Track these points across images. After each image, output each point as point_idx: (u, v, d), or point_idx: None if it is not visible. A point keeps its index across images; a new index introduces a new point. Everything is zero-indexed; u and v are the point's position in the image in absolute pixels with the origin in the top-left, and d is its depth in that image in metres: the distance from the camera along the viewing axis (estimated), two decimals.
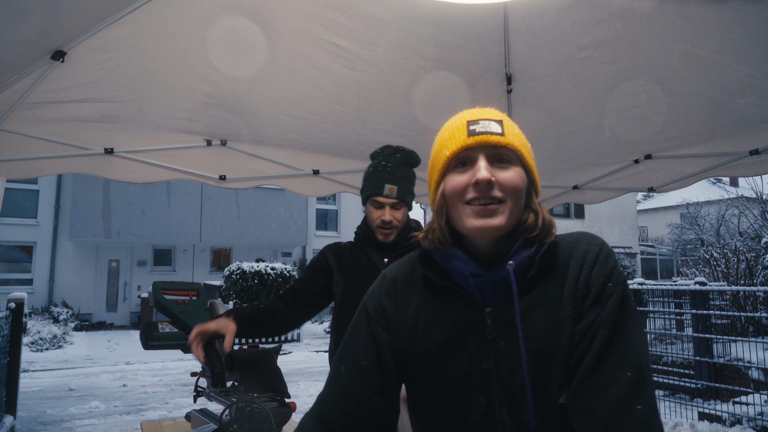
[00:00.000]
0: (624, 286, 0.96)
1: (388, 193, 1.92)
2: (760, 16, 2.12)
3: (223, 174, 3.39)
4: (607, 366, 0.91)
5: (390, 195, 1.92)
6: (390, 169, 1.95)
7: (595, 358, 0.92)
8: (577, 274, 0.98)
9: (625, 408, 0.88)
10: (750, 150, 2.96)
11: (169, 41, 2.37)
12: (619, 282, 0.96)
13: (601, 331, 0.93)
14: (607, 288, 0.95)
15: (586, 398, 0.92)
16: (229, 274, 12.80)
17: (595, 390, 0.91)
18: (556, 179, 3.94)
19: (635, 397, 0.89)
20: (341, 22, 2.38)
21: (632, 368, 0.90)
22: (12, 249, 15.50)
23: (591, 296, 0.96)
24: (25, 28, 1.95)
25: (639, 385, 0.90)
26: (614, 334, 0.92)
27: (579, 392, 0.93)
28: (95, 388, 7.98)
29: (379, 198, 1.94)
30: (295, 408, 1.67)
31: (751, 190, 16.61)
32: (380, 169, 1.96)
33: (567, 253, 1.01)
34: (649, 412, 0.89)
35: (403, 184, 1.96)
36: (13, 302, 5.51)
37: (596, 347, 0.92)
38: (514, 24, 2.57)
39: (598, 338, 0.93)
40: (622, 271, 0.98)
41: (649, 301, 7.15)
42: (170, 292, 1.87)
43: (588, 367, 0.92)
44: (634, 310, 0.96)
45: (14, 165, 2.83)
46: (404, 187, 1.96)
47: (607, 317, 0.93)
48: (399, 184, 1.93)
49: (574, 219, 25.67)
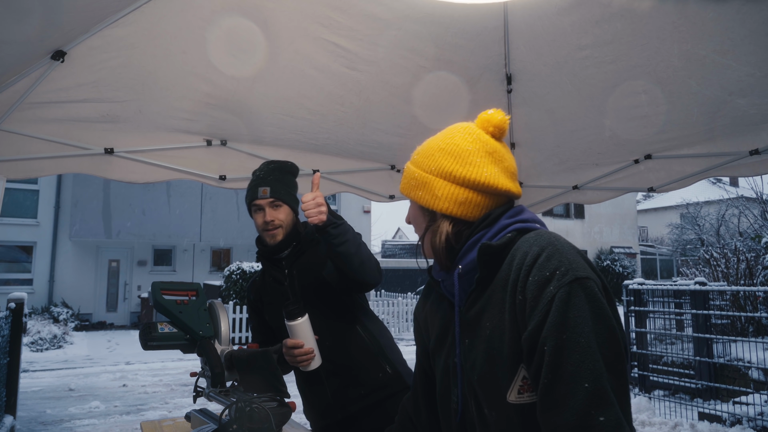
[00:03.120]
0: (570, 287, 0.90)
1: (262, 195, 2.04)
2: (760, 16, 2.12)
3: (223, 174, 3.39)
4: (564, 377, 0.88)
5: (264, 196, 2.04)
6: (262, 175, 2.10)
7: (550, 371, 0.89)
8: (515, 279, 0.97)
9: (586, 422, 0.85)
10: (750, 150, 2.96)
11: (170, 41, 2.36)
12: (563, 284, 0.90)
13: (549, 342, 0.89)
14: (546, 293, 0.91)
15: (550, 414, 0.90)
16: (229, 274, 12.80)
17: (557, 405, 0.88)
18: (556, 179, 3.94)
19: (596, 408, 0.85)
20: (341, 22, 2.38)
21: (589, 378, 0.86)
22: (12, 249, 15.50)
23: (528, 302, 0.93)
24: (25, 28, 1.95)
25: (599, 395, 0.85)
26: (564, 343, 0.88)
27: (544, 408, 0.91)
28: (95, 388, 7.99)
29: (255, 201, 2.06)
30: (294, 408, 1.67)
31: (751, 190, 16.62)
32: (253, 179, 2.11)
33: (512, 254, 1.01)
34: (612, 422, 0.85)
35: (276, 185, 2.07)
36: (13, 302, 5.51)
37: (548, 361, 0.89)
38: (514, 24, 2.57)
39: (548, 351, 0.89)
40: (573, 270, 0.92)
41: (649, 301, 7.14)
42: (169, 292, 1.87)
43: (545, 383, 0.90)
44: (587, 309, 0.89)
45: (14, 165, 2.83)
46: (277, 187, 2.07)
47: (553, 327, 0.89)
48: (271, 185, 2.06)
49: (574, 219, 25.69)
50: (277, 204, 2.07)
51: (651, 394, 6.60)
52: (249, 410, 1.54)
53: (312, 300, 2.02)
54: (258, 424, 1.52)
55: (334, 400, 2.03)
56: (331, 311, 2.05)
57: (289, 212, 2.10)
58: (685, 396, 6.39)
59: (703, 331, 6.32)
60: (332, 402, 2.03)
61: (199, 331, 1.83)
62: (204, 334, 1.84)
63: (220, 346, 1.86)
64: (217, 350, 1.83)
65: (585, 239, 25.78)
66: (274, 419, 1.54)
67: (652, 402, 6.41)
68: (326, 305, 2.05)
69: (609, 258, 24.98)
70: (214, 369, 1.77)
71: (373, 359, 2.05)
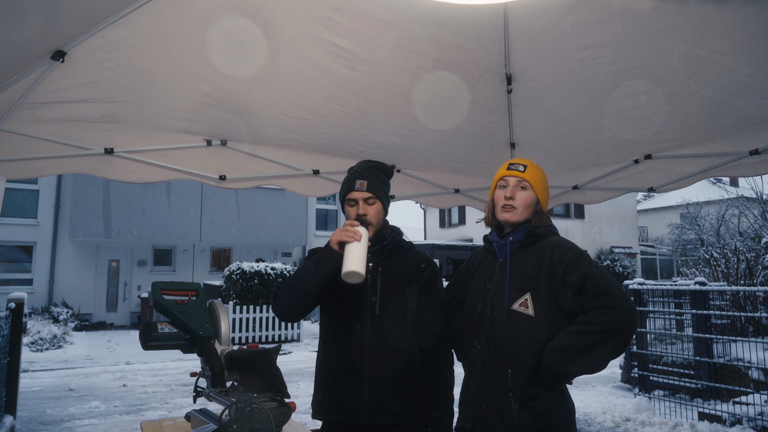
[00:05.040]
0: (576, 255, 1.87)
1: (359, 187, 2.05)
2: (760, 16, 2.12)
3: (223, 174, 3.40)
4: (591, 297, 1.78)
5: (361, 188, 2.05)
6: (359, 170, 2.12)
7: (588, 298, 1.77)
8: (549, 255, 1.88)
9: None
10: (750, 150, 2.96)
11: (170, 41, 2.37)
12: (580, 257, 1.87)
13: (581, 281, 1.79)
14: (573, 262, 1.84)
15: None
16: (229, 274, 12.80)
17: None
18: (556, 179, 3.94)
19: None
20: (341, 22, 2.38)
21: None
22: (12, 249, 15.49)
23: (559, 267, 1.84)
24: (25, 28, 1.95)
25: None
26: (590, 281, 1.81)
27: None
28: (95, 388, 7.99)
29: (352, 194, 2.07)
30: (294, 408, 1.68)
31: (751, 190, 16.61)
32: (350, 174, 2.14)
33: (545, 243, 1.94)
34: None
35: (374, 180, 2.08)
36: (13, 302, 5.51)
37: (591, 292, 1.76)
38: (514, 24, 2.57)
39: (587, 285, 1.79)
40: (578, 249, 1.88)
41: (649, 301, 7.14)
42: (169, 292, 1.87)
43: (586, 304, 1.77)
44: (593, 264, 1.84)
45: (14, 165, 2.83)
46: (375, 183, 2.08)
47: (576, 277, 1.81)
48: (369, 179, 2.07)
49: (574, 219, 25.67)
50: (372, 200, 2.07)
51: (651, 394, 6.60)
52: (249, 410, 1.54)
53: (387, 304, 2.03)
54: (258, 424, 1.52)
55: (369, 400, 1.97)
56: (399, 322, 2.04)
57: (380, 210, 2.10)
58: (685, 396, 6.39)
59: (703, 331, 6.33)
60: (367, 402, 1.96)
61: (199, 331, 1.84)
62: (204, 334, 1.84)
63: (220, 346, 1.86)
64: (217, 350, 1.83)
65: (585, 239, 25.76)
66: (274, 419, 1.55)
67: (652, 402, 6.41)
68: (398, 316, 2.04)
69: (609, 258, 24.97)
70: (214, 369, 1.77)
71: (417, 382, 2.02)
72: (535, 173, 2.01)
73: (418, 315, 2.06)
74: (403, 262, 2.12)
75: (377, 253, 2.09)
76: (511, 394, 1.82)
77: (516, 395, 1.81)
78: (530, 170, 2.00)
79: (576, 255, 1.84)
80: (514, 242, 1.97)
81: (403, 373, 2.00)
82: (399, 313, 2.03)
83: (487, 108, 3.19)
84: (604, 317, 1.70)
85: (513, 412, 1.81)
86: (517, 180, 1.99)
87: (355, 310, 2.03)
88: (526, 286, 1.87)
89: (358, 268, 1.81)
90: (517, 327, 1.84)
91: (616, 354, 1.74)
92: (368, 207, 2.06)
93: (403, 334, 2.02)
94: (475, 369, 1.94)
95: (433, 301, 2.10)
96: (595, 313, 1.72)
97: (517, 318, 1.85)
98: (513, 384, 1.82)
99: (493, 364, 1.87)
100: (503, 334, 1.86)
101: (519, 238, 1.96)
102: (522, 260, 1.92)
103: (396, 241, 2.15)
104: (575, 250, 1.87)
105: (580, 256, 1.84)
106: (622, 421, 5.95)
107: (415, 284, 2.07)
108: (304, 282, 1.99)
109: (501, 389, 1.84)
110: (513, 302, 1.86)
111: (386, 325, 2.01)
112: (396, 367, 1.99)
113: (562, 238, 1.95)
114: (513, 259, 1.94)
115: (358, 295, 2.03)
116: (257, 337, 12.22)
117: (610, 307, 1.70)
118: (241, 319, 12.14)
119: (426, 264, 2.13)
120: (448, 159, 3.82)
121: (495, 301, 1.92)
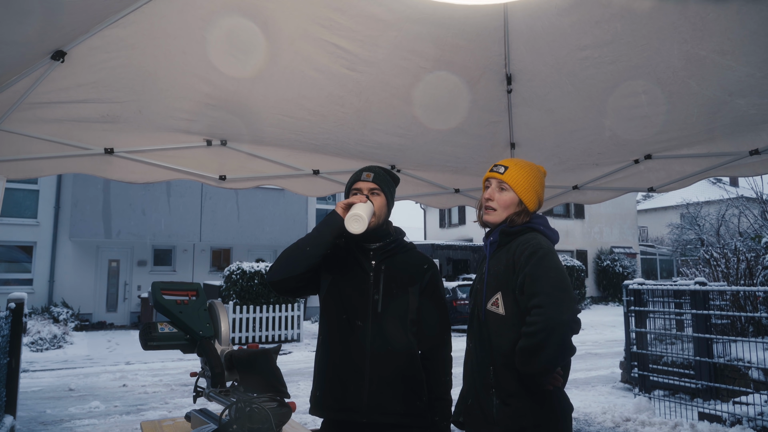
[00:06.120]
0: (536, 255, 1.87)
1: (366, 177, 2.10)
2: (760, 16, 2.12)
3: (223, 174, 3.40)
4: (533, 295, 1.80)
5: (367, 179, 2.10)
6: (368, 167, 2.19)
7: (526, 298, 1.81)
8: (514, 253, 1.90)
9: None
10: (750, 150, 2.96)
11: (170, 41, 2.37)
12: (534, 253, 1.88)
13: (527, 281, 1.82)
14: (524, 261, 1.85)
15: None
16: (229, 274, 12.79)
17: None
18: (556, 179, 3.94)
19: None
20: (341, 23, 2.38)
21: None
22: (12, 249, 15.49)
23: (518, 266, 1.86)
24: (25, 28, 1.95)
25: None
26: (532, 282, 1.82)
27: None
28: (95, 388, 7.99)
29: (357, 183, 2.11)
30: (294, 408, 1.67)
31: (751, 190, 16.61)
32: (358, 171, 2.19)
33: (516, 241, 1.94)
34: None
35: (381, 176, 2.13)
36: (13, 302, 5.50)
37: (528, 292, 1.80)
38: (514, 24, 2.57)
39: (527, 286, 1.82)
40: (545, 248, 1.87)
41: (649, 301, 7.14)
42: (169, 292, 1.87)
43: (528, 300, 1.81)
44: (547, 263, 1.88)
45: (14, 165, 2.83)
46: (381, 177, 2.13)
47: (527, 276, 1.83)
48: (376, 173, 2.12)
49: (574, 219, 25.67)
50: (376, 192, 2.09)
51: (651, 394, 6.60)
52: (249, 410, 1.54)
53: (390, 302, 2.03)
54: (258, 424, 1.52)
55: (368, 398, 1.96)
56: (401, 321, 2.04)
57: (384, 204, 2.11)
58: (685, 396, 6.39)
59: (703, 331, 6.32)
60: (366, 401, 1.96)
61: (199, 331, 1.83)
62: (204, 334, 1.84)
63: (220, 346, 1.86)
64: (217, 350, 1.83)
65: (585, 239, 25.78)
66: (274, 419, 1.55)
67: (652, 402, 6.41)
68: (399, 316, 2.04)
69: (609, 258, 24.98)
70: (214, 369, 1.77)
71: (418, 383, 2.02)
72: (516, 174, 2.00)
73: (419, 317, 2.06)
74: (405, 262, 2.12)
75: (380, 250, 2.09)
76: (494, 390, 1.89)
77: (498, 392, 1.88)
78: (510, 171, 2.01)
79: (529, 254, 1.84)
80: (493, 242, 2.03)
81: (404, 373, 2.00)
82: (400, 312, 2.04)
83: (487, 108, 3.19)
84: (535, 317, 1.73)
85: (493, 408, 1.87)
86: (497, 182, 2.03)
87: (358, 307, 2.03)
88: (498, 285, 1.93)
89: (362, 212, 1.91)
90: (491, 326, 1.92)
91: (562, 353, 1.73)
92: (372, 197, 2.08)
93: (404, 333, 2.03)
94: (467, 366, 2.05)
95: (435, 303, 2.11)
96: (531, 314, 1.76)
97: (491, 317, 1.93)
98: (494, 380, 1.89)
99: (479, 361, 1.96)
100: (484, 332, 1.96)
101: (496, 238, 2.01)
102: (498, 259, 1.97)
103: (399, 241, 2.15)
104: (532, 248, 1.85)
105: (532, 254, 1.83)
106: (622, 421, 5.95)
107: (417, 285, 2.08)
108: (303, 244, 1.99)
109: (484, 385, 1.92)
110: (488, 301, 1.94)
111: (388, 323, 2.01)
112: (397, 366, 1.99)
113: (533, 235, 1.93)
114: (492, 259, 2.01)
115: (361, 292, 2.04)
116: (257, 337, 12.21)
117: (539, 306, 1.73)
118: (241, 319, 12.14)
119: (428, 265, 2.14)
120: (448, 159, 3.82)
121: (478, 300, 2.01)
